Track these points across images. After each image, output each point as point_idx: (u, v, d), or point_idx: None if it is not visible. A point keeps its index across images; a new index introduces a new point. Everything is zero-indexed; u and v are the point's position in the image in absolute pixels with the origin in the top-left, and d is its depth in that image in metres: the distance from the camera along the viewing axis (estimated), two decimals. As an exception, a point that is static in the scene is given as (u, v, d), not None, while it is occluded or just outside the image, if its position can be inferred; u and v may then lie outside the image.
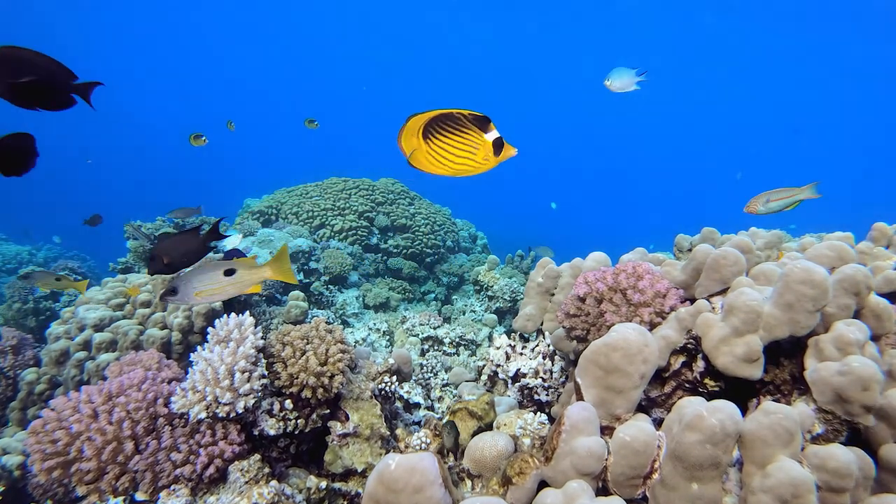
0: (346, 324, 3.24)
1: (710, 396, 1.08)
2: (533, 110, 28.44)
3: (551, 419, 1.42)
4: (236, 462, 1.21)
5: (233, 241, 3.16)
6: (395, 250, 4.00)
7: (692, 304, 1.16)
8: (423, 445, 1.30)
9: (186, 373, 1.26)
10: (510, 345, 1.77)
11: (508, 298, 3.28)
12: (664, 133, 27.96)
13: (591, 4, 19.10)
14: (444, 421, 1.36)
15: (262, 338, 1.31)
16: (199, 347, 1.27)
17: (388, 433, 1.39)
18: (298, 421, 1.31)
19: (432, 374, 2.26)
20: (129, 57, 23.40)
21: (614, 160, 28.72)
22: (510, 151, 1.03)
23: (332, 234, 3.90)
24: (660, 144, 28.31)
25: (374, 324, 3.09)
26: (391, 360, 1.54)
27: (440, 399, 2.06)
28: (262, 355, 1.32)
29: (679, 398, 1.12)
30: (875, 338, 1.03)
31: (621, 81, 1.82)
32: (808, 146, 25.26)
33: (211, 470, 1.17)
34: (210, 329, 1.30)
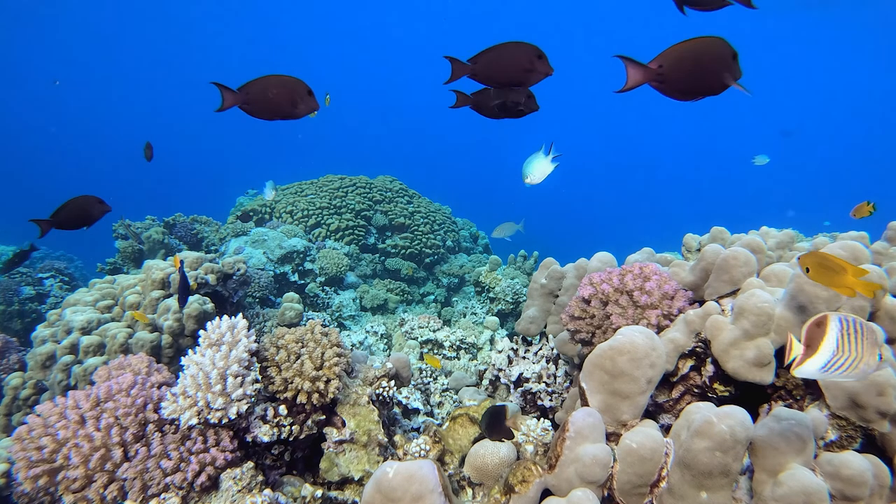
0: (342, 326, 3.20)
1: (719, 402, 1.06)
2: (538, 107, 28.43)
3: (555, 425, 1.39)
4: (228, 470, 1.18)
5: (269, 193, 3.15)
6: (393, 250, 3.96)
7: (701, 306, 1.14)
8: (423, 452, 1.27)
9: (177, 377, 1.23)
10: (512, 348, 1.74)
11: (511, 300, 3.23)
12: (671, 130, 28.01)
13: (601, 7, 19.06)
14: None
15: (255, 341, 1.29)
16: (190, 351, 1.24)
17: (386, 440, 1.35)
18: (293, 427, 1.28)
19: (432, 379, 2.22)
20: (123, 53, 23.25)
21: (620, 158, 28.74)
22: None
23: (328, 233, 3.86)
24: (667, 142, 28.37)
25: (372, 326, 3.05)
26: (389, 365, 1.51)
27: (440, 404, 2.02)
28: (255, 359, 1.29)
29: (687, 403, 1.09)
30: (890, 341, 1.01)
31: (540, 170, 1.74)
32: (822, 145, 25.20)
33: (202, 478, 1.14)
34: (201, 332, 1.27)
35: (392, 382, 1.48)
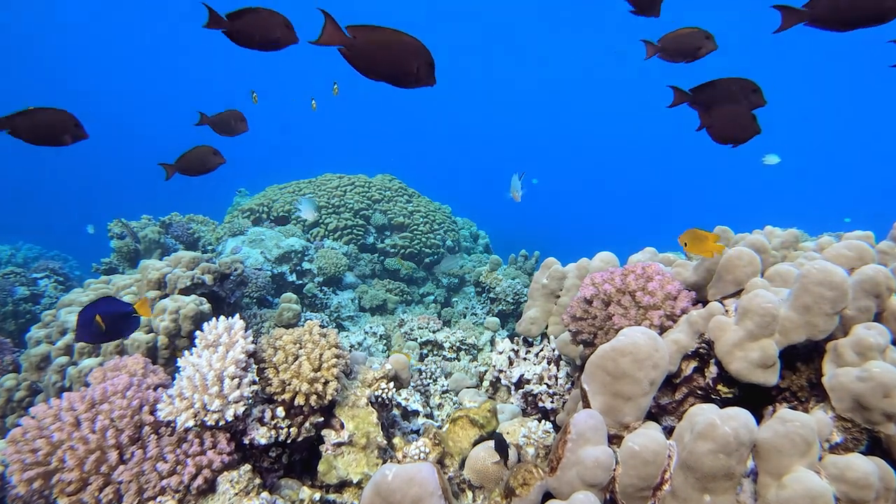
0: (340, 327, 3.18)
1: (723, 403, 1.04)
2: (538, 106, 28.33)
3: (556, 427, 1.38)
4: (225, 472, 1.17)
5: (307, 211, 3.08)
6: (392, 250, 3.94)
7: (704, 306, 1.13)
8: (422, 455, 1.26)
9: (173, 379, 1.22)
10: (513, 349, 1.73)
11: (511, 301, 3.20)
12: (674, 129, 27.87)
13: (601, 3, 18.94)
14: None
15: (252, 342, 1.27)
16: (186, 352, 1.23)
17: (385, 442, 1.34)
18: (291, 429, 1.26)
19: (431, 381, 2.20)
20: (120, 52, 23.14)
21: (622, 156, 28.57)
22: None
23: (327, 233, 3.83)
24: (670, 141, 28.22)
25: (371, 327, 3.02)
26: (388, 366, 1.50)
27: (440, 406, 2.00)
28: (252, 360, 1.28)
29: (691, 405, 1.08)
30: (896, 342, 1.00)
31: (517, 192, 2.45)
32: (830, 142, 25.03)
33: (199, 481, 1.13)
34: (198, 333, 1.26)
35: (391, 384, 1.47)
